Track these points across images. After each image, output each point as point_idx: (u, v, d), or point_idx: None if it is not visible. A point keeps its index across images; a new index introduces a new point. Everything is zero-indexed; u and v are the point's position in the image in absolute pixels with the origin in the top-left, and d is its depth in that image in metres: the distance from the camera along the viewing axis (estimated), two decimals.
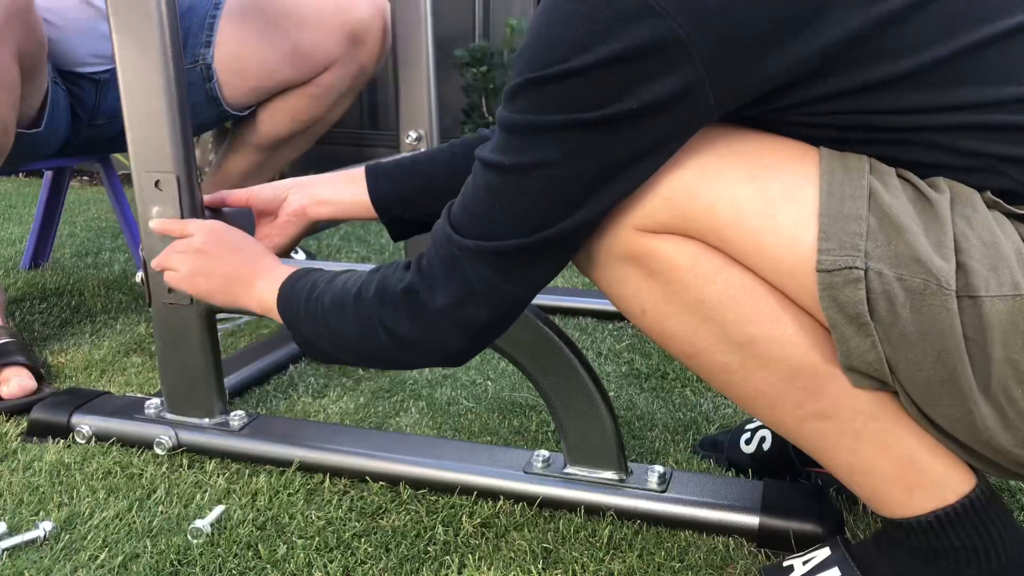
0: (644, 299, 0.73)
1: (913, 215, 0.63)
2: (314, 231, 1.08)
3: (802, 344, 0.68)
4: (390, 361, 0.82)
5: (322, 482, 1.00)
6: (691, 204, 0.68)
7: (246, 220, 1.05)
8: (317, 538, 0.89)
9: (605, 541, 0.88)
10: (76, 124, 1.35)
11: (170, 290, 1.04)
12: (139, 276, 1.06)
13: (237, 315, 1.57)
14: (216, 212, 1.05)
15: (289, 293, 0.86)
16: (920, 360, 0.62)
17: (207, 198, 1.05)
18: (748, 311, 0.69)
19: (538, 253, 0.70)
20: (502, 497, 0.96)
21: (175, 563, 0.85)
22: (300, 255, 1.86)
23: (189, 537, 0.88)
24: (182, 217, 1.01)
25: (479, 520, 0.92)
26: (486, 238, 0.70)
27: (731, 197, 0.66)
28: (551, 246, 0.70)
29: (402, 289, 0.76)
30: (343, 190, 1.03)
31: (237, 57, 1.48)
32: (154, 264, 0.98)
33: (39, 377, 1.25)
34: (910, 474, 0.70)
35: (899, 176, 0.66)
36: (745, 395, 0.73)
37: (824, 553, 0.79)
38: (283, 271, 0.89)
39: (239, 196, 1.06)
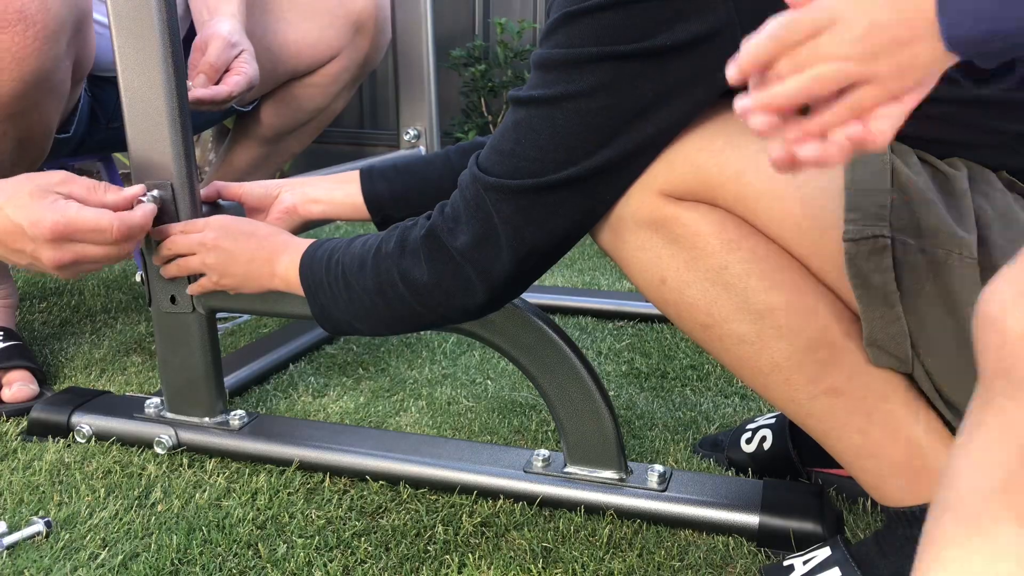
0: (665, 266, 0.73)
1: (934, 190, 0.64)
2: (305, 230, 1.08)
3: (822, 316, 0.68)
4: (407, 319, 0.81)
5: (322, 481, 1.00)
6: (719, 171, 0.68)
7: (237, 216, 1.05)
8: (317, 537, 0.89)
9: (605, 540, 0.88)
10: (94, 126, 1.35)
11: (173, 299, 1.04)
12: (139, 275, 1.06)
13: (237, 314, 1.57)
14: (214, 207, 1.05)
15: (310, 262, 0.87)
16: (942, 331, 0.63)
17: (202, 192, 1.05)
18: (771, 280, 0.69)
19: (559, 194, 0.70)
20: (502, 496, 0.96)
21: (175, 562, 0.85)
22: None
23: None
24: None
25: (479, 519, 0.92)
26: (511, 175, 0.71)
27: (759, 167, 0.67)
28: (573, 187, 0.70)
29: (423, 234, 0.76)
30: (336, 189, 1.04)
31: None
32: (174, 271, 0.98)
33: (42, 380, 1.25)
34: (916, 460, 0.70)
35: (918, 156, 0.67)
36: (759, 369, 0.73)
37: (824, 553, 0.79)
38: (301, 244, 0.90)
39: (232, 191, 1.06)
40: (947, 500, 0.44)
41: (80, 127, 1.32)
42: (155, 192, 0.99)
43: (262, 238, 0.93)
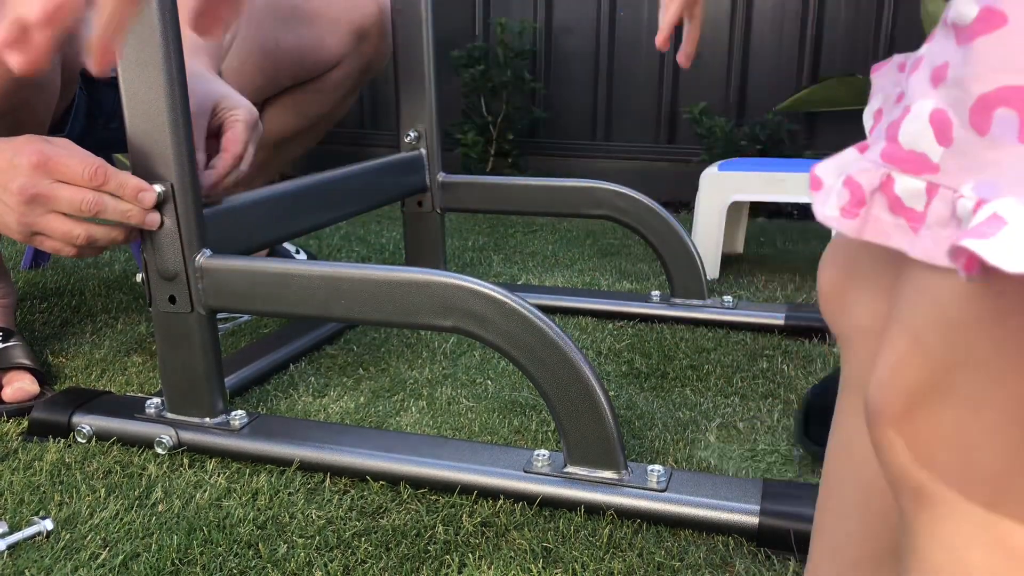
0: None
1: None
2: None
3: None
4: None
5: (322, 481, 1.00)
6: None
7: None
8: (317, 537, 0.89)
9: (605, 540, 0.88)
10: (91, 127, 1.35)
11: (173, 299, 1.04)
12: (139, 276, 1.06)
13: (238, 315, 1.57)
14: None
15: None
16: None
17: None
18: None
19: None
20: (502, 496, 0.96)
21: (176, 562, 0.85)
22: (301, 255, 1.86)
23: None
24: (183, 223, 1.01)
25: (479, 519, 0.92)
26: None
27: None
28: None
29: None
30: None
31: (245, 57, 1.48)
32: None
33: (42, 381, 1.25)
34: None
35: None
36: None
37: None
38: None
39: None
40: None
41: (77, 126, 1.32)
42: (157, 187, 0.99)
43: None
